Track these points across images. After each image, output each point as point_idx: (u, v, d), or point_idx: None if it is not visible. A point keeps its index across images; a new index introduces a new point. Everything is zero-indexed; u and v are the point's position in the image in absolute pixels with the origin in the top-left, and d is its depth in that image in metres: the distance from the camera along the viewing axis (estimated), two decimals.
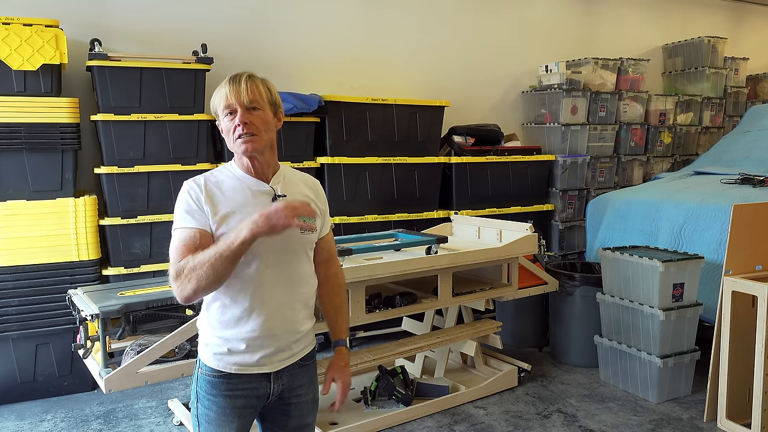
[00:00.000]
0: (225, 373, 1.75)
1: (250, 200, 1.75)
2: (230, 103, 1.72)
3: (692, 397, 3.74)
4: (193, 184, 1.75)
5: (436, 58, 5.48)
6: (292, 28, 4.86)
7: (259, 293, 1.74)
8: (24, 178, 3.63)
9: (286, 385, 1.82)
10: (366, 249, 3.37)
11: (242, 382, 1.75)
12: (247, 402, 1.77)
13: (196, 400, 1.79)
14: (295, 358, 1.83)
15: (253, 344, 1.74)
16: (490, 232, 4.02)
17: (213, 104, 1.78)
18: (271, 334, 1.75)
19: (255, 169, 1.79)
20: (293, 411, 1.86)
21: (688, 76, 6.66)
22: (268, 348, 1.76)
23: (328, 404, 2.06)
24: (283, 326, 1.78)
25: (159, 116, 3.94)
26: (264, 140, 1.75)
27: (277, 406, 1.84)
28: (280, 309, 1.77)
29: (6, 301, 3.62)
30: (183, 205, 1.72)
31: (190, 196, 1.72)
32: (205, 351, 1.78)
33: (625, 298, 3.80)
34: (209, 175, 1.79)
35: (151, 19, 4.36)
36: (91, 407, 3.69)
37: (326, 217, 1.96)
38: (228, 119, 1.74)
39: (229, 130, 1.74)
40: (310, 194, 1.88)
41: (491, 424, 3.44)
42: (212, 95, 1.79)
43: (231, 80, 1.74)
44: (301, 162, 4.40)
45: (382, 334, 4.66)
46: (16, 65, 3.52)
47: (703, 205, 4.12)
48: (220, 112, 1.76)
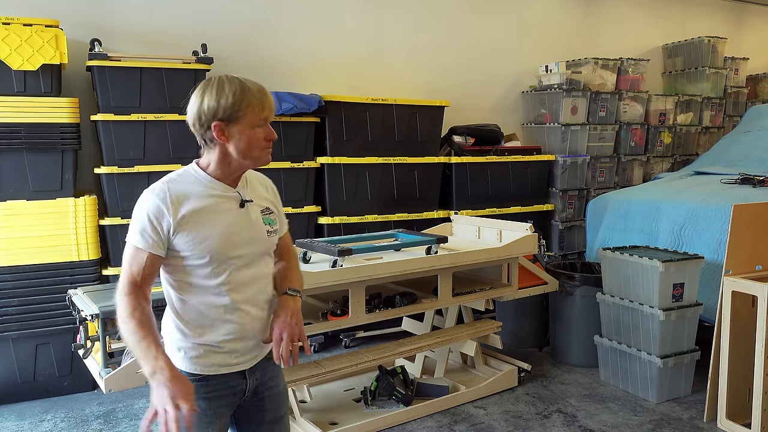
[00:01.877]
0: (202, 375, 1.76)
1: (217, 205, 1.74)
2: (268, 116, 1.74)
3: (692, 397, 3.74)
4: (155, 199, 1.68)
5: (436, 58, 5.48)
6: (292, 28, 4.86)
7: (235, 295, 1.76)
8: (24, 178, 3.63)
9: (259, 379, 1.86)
10: (366, 249, 3.37)
11: (220, 382, 1.78)
12: (225, 401, 1.80)
13: None
14: (264, 353, 1.88)
15: (229, 345, 1.77)
16: (490, 232, 4.02)
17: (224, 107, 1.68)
18: (245, 335, 1.79)
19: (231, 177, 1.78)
20: (268, 404, 1.89)
21: (688, 76, 6.66)
22: (243, 347, 1.80)
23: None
24: (255, 325, 1.81)
25: (159, 116, 3.94)
26: None
27: (252, 403, 1.87)
28: (253, 310, 1.80)
29: (6, 301, 3.62)
30: (140, 223, 1.68)
31: (148, 216, 1.67)
32: (177, 356, 1.76)
33: (625, 298, 3.80)
34: (171, 184, 1.72)
35: (151, 19, 4.36)
36: (91, 407, 3.69)
37: (282, 215, 1.96)
38: (261, 129, 1.73)
39: (260, 138, 1.73)
40: (269, 195, 1.91)
41: (491, 424, 3.44)
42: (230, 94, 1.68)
43: (263, 92, 1.73)
44: (301, 162, 4.40)
45: (382, 334, 4.66)
46: (16, 65, 3.52)
47: (703, 205, 4.12)
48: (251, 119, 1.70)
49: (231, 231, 1.74)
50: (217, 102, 1.67)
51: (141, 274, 1.67)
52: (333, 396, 3.68)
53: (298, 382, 3.21)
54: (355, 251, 3.21)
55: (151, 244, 1.67)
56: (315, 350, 4.54)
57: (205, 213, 1.71)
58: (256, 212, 1.83)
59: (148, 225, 1.67)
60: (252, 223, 1.80)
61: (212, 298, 1.74)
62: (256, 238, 1.80)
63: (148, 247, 1.67)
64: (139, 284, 1.68)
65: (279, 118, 4.25)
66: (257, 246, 1.81)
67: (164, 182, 1.72)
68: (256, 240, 1.79)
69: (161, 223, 1.67)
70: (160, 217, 1.67)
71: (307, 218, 4.46)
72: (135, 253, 1.68)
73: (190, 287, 1.75)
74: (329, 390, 3.75)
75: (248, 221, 1.79)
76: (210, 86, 1.70)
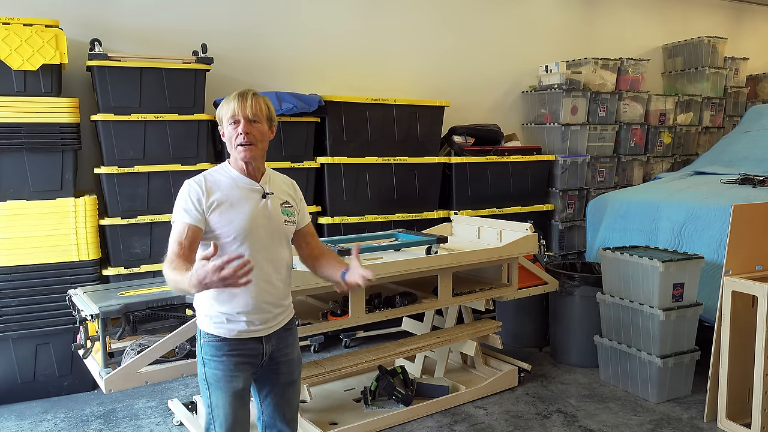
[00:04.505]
0: (225, 338, 2.08)
1: (243, 195, 2.10)
2: (235, 114, 2.06)
3: (692, 397, 3.74)
4: (194, 184, 2.07)
5: (436, 57, 5.48)
6: (292, 28, 4.86)
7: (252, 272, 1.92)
8: (24, 178, 3.63)
9: (275, 346, 2.17)
10: (366, 249, 3.37)
11: (240, 343, 2.09)
12: (246, 359, 2.11)
13: (203, 365, 2.11)
14: (280, 324, 2.20)
15: (246, 316, 2.09)
16: (490, 232, 4.02)
17: (219, 113, 2.12)
18: (259, 308, 2.11)
19: (248, 171, 2.15)
20: (282, 368, 2.21)
21: (688, 76, 6.66)
22: (258, 318, 2.11)
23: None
24: (269, 300, 2.13)
25: (159, 116, 3.94)
26: (259, 149, 2.11)
27: (269, 366, 2.19)
28: (267, 286, 2.12)
29: (6, 301, 3.62)
30: (182, 203, 2.03)
31: (189, 195, 2.04)
32: (205, 321, 2.11)
33: (625, 298, 3.80)
34: (208, 175, 2.12)
35: (151, 19, 4.36)
36: (91, 407, 3.69)
37: (303, 210, 2.31)
38: (231, 127, 2.08)
39: (231, 137, 2.09)
40: (290, 191, 2.26)
41: (491, 424, 3.44)
42: (220, 105, 2.11)
43: (240, 95, 2.08)
44: (301, 162, 4.40)
45: (382, 334, 4.66)
46: (16, 65, 3.52)
47: (703, 205, 4.12)
48: (225, 121, 2.09)
49: (253, 215, 2.08)
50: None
51: (183, 242, 1.97)
52: (333, 396, 3.68)
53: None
54: None
55: (192, 217, 2.00)
56: (315, 350, 4.54)
57: (232, 200, 2.07)
58: (276, 204, 2.17)
59: (190, 203, 2.01)
60: (271, 212, 2.14)
61: None
62: (274, 224, 2.14)
63: (190, 220, 1.99)
64: (180, 252, 1.96)
65: (279, 118, 4.21)
66: (274, 231, 2.14)
67: (202, 174, 2.11)
68: (273, 225, 2.14)
69: (201, 202, 2.02)
70: (199, 198, 2.03)
71: None
72: (179, 227, 2.00)
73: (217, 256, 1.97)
74: (329, 390, 3.75)
75: (267, 210, 2.13)
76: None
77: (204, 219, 2.02)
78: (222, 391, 2.09)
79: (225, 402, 2.09)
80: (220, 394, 2.09)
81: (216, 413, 2.10)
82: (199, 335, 2.13)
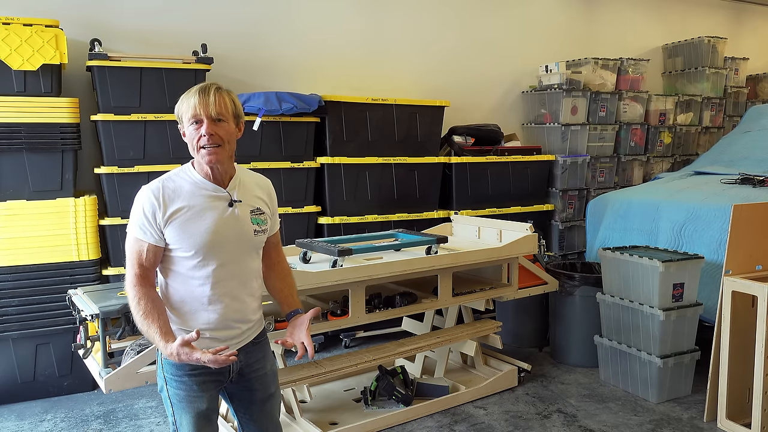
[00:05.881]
0: None
1: (207, 204, 1.90)
2: (197, 114, 1.84)
3: (692, 397, 3.74)
4: (150, 195, 1.85)
5: (436, 57, 5.48)
6: (292, 28, 4.86)
7: (216, 288, 1.91)
8: (24, 178, 3.63)
9: (243, 362, 2.00)
10: (366, 249, 3.37)
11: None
12: (210, 378, 1.95)
13: (165, 384, 1.95)
14: (248, 339, 2.03)
15: (209, 333, 1.92)
16: (490, 232, 4.02)
17: (178, 111, 1.89)
18: (225, 325, 1.95)
19: (214, 176, 1.93)
20: (256, 385, 2.06)
21: (688, 76, 6.66)
22: (223, 335, 1.95)
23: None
24: (236, 317, 1.97)
25: (159, 116, 3.94)
26: (226, 150, 1.90)
27: (241, 383, 2.04)
28: (233, 303, 1.95)
29: (6, 301, 3.62)
30: (137, 218, 1.86)
31: (144, 210, 1.84)
32: None
33: (625, 298, 3.80)
34: (167, 180, 1.91)
35: (151, 19, 4.36)
36: (91, 407, 3.69)
37: (275, 216, 2.12)
38: (193, 128, 1.87)
39: (193, 138, 1.87)
40: (262, 196, 2.05)
41: (491, 424, 3.44)
42: (179, 102, 1.89)
43: (200, 91, 1.86)
44: (301, 162, 4.40)
45: (382, 334, 4.66)
46: (16, 65, 3.52)
47: (703, 205, 4.12)
48: (185, 120, 1.88)
49: (217, 228, 1.89)
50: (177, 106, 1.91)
51: (144, 263, 1.85)
52: (333, 396, 3.68)
53: (298, 382, 3.21)
54: (355, 251, 3.21)
55: (149, 235, 1.84)
56: (315, 350, 4.54)
57: (193, 210, 1.87)
58: (245, 212, 1.97)
59: (144, 220, 1.84)
60: (239, 221, 1.94)
61: (195, 288, 1.90)
62: (241, 235, 1.94)
63: (148, 239, 1.84)
64: (142, 274, 1.85)
65: (279, 118, 4.25)
66: (242, 243, 1.95)
67: (160, 180, 1.90)
68: (241, 237, 1.94)
69: (155, 216, 1.83)
70: (154, 212, 1.83)
71: (307, 218, 4.46)
72: (135, 243, 1.85)
73: (176, 275, 1.91)
74: (329, 390, 3.75)
75: (235, 220, 1.93)
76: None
77: (161, 236, 1.85)
78: (185, 411, 1.93)
79: (189, 423, 1.93)
80: (183, 414, 1.94)
81: None
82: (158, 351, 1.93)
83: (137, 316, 1.83)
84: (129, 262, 1.86)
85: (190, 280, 1.90)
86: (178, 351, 1.74)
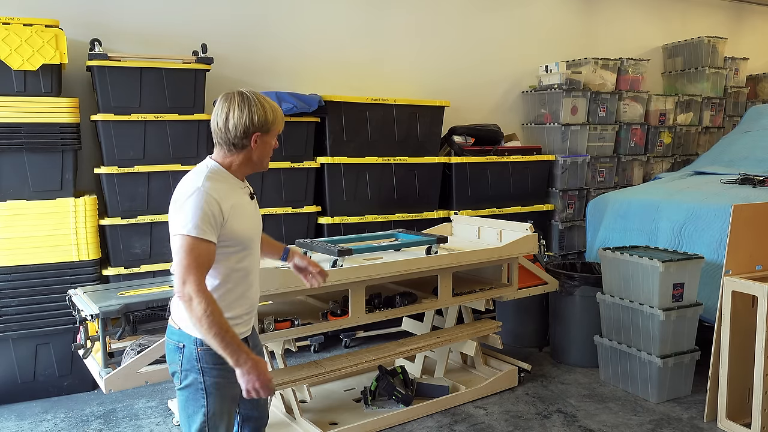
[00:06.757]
0: None
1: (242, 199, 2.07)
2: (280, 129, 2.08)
3: (692, 397, 3.74)
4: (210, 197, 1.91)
5: (436, 58, 5.48)
6: (292, 28, 4.86)
7: (248, 279, 2.10)
8: (24, 178, 3.63)
9: (250, 344, 2.17)
10: (366, 249, 3.37)
11: None
12: None
13: (201, 375, 2.00)
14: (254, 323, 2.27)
15: (244, 319, 2.11)
16: (490, 232, 4.02)
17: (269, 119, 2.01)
18: (251, 310, 2.16)
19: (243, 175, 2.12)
20: None
21: (688, 76, 6.66)
22: (249, 320, 2.16)
23: None
24: (257, 302, 2.20)
25: (159, 116, 3.94)
26: None
27: None
28: (257, 288, 2.19)
29: (6, 301, 3.62)
30: (202, 218, 1.88)
31: (208, 211, 1.90)
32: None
33: (625, 298, 3.80)
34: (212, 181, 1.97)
35: (151, 19, 4.36)
36: (91, 407, 3.69)
37: None
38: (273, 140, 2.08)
39: (269, 148, 2.08)
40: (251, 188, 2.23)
41: (491, 424, 3.44)
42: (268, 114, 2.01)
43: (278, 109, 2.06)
44: (301, 162, 4.40)
45: (382, 334, 4.66)
46: (16, 65, 3.52)
47: (703, 205, 4.12)
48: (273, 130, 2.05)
49: (252, 220, 2.10)
50: (264, 115, 2.00)
51: (206, 265, 1.90)
52: (333, 396, 3.68)
53: (298, 382, 3.21)
54: (355, 251, 3.21)
55: (212, 234, 1.91)
56: (315, 350, 4.54)
57: (239, 206, 2.01)
58: (255, 203, 2.17)
59: (210, 217, 1.90)
60: (257, 212, 2.16)
61: (237, 280, 2.05)
62: (259, 225, 2.16)
63: (211, 237, 1.90)
64: (205, 277, 1.90)
65: None
66: (260, 232, 2.18)
67: (207, 180, 1.95)
68: (259, 226, 2.17)
69: (217, 217, 1.92)
70: (216, 211, 1.91)
71: (307, 218, 4.46)
72: (201, 245, 1.88)
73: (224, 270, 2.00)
74: (329, 390, 3.75)
75: (256, 211, 2.15)
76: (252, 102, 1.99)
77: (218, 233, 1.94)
78: (223, 398, 2.03)
79: (224, 409, 2.04)
80: (221, 401, 2.02)
81: (212, 423, 2.01)
82: (191, 344, 1.99)
83: (206, 323, 1.83)
84: (191, 267, 1.85)
85: (234, 273, 2.02)
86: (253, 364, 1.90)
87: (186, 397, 2.03)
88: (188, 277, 1.84)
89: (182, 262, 1.85)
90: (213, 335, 1.84)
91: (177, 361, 2.02)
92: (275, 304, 3.38)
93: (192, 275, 1.85)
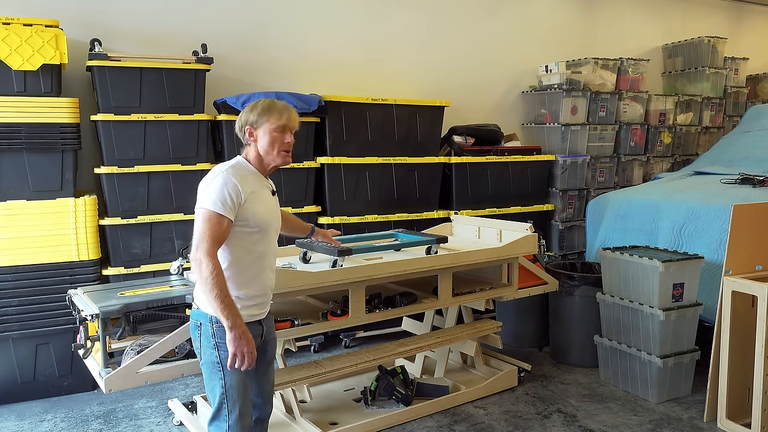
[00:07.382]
0: None
1: (263, 191, 2.33)
2: (286, 124, 2.30)
3: (692, 397, 3.74)
4: (232, 178, 2.20)
5: (436, 58, 5.48)
6: (292, 29, 4.86)
7: (262, 262, 2.32)
8: (24, 178, 3.63)
9: (265, 328, 2.39)
10: (366, 249, 3.37)
11: (249, 326, 2.22)
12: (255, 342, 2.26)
13: (215, 348, 2.22)
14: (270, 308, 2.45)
15: (257, 300, 2.31)
16: (490, 232, 4.02)
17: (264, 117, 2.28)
18: (265, 293, 2.36)
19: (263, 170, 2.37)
20: (269, 347, 2.46)
21: (688, 76, 6.66)
22: (264, 302, 2.36)
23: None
24: (271, 286, 2.41)
25: (159, 116, 3.94)
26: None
27: (260, 345, 2.37)
28: (271, 274, 2.40)
29: (6, 301, 3.62)
30: (221, 195, 2.16)
31: (227, 190, 2.17)
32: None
33: (625, 298, 3.80)
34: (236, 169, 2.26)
35: (151, 19, 4.36)
36: (91, 407, 3.69)
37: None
38: (278, 134, 2.29)
39: (276, 141, 2.30)
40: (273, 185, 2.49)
41: (491, 424, 3.44)
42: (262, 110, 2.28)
43: (287, 108, 2.33)
44: (301, 162, 4.40)
45: (382, 334, 4.66)
46: (16, 65, 3.52)
47: (703, 205, 4.12)
48: (270, 125, 2.28)
49: (271, 210, 2.34)
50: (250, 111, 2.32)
51: (220, 237, 2.15)
52: (333, 396, 3.68)
53: (298, 382, 3.21)
54: (355, 251, 3.21)
55: (229, 211, 2.16)
56: (315, 350, 4.54)
57: (258, 194, 2.28)
58: (276, 199, 2.43)
59: (228, 196, 2.16)
60: (277, 207, 2.43)
61: (252, 260, 2.29)
62: (278, 219, 2.42)
63: (228, 214, 2.16)
64: (217, 248, 2.15)
65: None
66: (277, 225, 2.42)
67: (230, 167, 2.25)
68: (278, 220, 2.42)
69: (237, 196, 2.18)
70: (237, 191, 2.18)
71: (307, 218, 4.46)
72: (217, 219, 2.14)
73: (237, 249, 2.24)
74: (329, 390, 3.75)
75: (276, 205, 2.41)
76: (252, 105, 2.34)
77: (236, 213, 2.18)
78: (237, 370, 2.21)
79: (239, 381, 2.24)
80: (234, 374, 2.22)
81: (230, 393, 2.24)
82: (206, 322, 2.22)
83: (210, 284, 2.08)
84: (206, 235, 2.12)
85: (249, 254, 2.27)
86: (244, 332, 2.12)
87: (208, 372, 2.27)
88: (201, 243, 2.12)
89: (199, 231, 2.14)
90: (215, 296, 2.09)
91: (197, 338, 2.27)
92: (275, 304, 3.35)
93: (205, 243, 2.11)
